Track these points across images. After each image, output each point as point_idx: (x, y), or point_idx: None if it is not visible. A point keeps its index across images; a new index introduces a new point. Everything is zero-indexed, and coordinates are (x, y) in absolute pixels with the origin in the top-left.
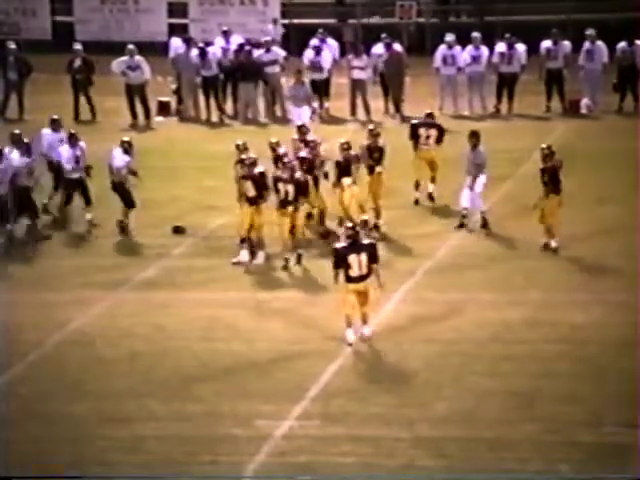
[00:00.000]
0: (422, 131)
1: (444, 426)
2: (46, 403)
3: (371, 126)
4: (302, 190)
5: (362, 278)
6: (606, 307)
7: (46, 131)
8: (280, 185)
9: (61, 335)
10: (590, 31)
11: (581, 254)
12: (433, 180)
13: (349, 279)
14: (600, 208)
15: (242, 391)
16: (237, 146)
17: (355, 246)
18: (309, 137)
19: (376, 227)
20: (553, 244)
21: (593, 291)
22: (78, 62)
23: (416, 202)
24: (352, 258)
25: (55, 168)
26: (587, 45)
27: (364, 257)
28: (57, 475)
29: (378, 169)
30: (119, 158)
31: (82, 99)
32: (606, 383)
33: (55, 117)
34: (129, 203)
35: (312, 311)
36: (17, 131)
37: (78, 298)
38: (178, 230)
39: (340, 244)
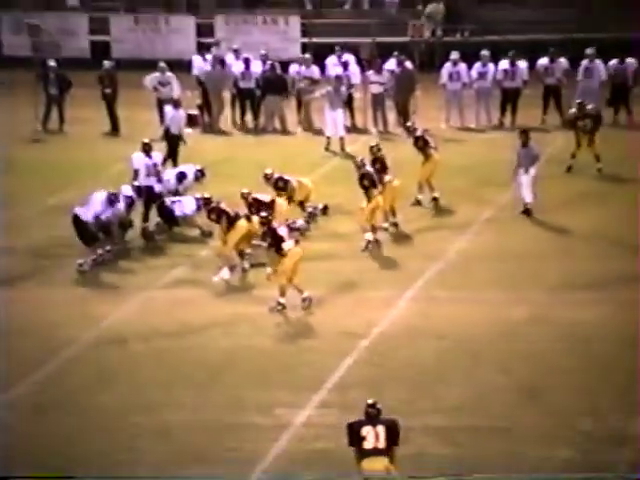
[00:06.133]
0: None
1: (454, 416)
2: (81, 393)
3: (373, 143)
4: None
5: (378, 452)
6: (609, 305)
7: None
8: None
9: (95, 331)
10: (590, 50)
11: (583, 255)
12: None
13: (362, 454)
14: (599, 213)
15: (264, 382)
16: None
17: (372, 419)
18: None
19: (395, 225)
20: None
21: (596, 290)
22: (106, 77)
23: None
24: (366, 430)
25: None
26: (586, 63)
27: (381, 429)
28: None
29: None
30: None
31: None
32: (606, 377)
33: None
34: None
35: (329, 309)
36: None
37: (112, 297)
38: (204, 234)
39: (355, 419)
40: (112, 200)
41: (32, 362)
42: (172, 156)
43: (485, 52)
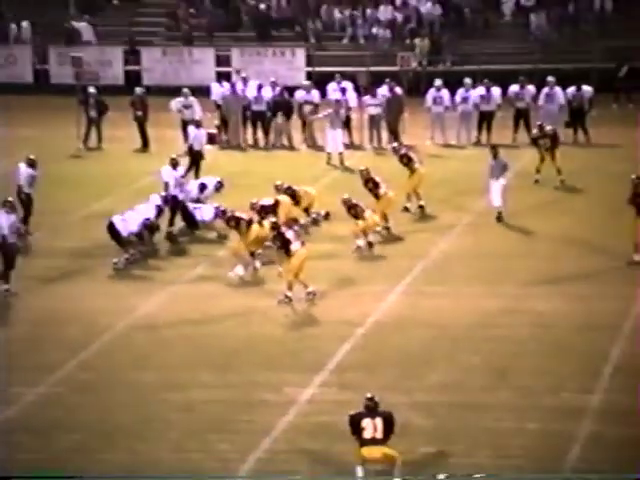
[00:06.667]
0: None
1: (436, 393)
2: (119, 372)
3: (362, 167)
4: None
5: (376, 441)
6: (568, 297)
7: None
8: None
9: (130, 319)
10: (550, 78)
11: (547, 255)
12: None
13: (362, 443)
14: (562, 218)
15: (273, 365)
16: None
17: (371, 412)
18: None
19: (387, 229)
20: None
21: (558, 284)
22: (138, 102)
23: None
24: (366, 422)
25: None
26: (547, 89)
27: (379, 421)
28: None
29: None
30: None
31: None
32: (566, 359)
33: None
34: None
35: (330, 302)
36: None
37: (143, 290)
38: (220, 237)
39: (355, 411)
40: (147, 225)
41: (77, 345)
42: (195, 169)
43: (468, 80)
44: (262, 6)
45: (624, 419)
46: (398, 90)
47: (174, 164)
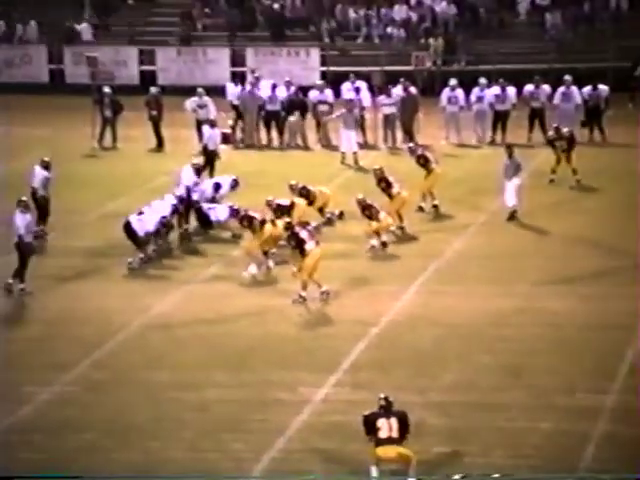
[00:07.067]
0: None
1: (449, 393)
2: (133, 371)
3: (376, 166)
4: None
5: (392, 440)
6: (581, 297)
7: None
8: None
9: (144, 319)
10: (567, 77)
11: (560, 254)
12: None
13: (377, 443)
14: (576, 219)
15: (288, 364)
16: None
17: (385, 411)
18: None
19: (401, 228)
20: None
21: (571, 284)
22: (152, 101)
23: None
24: (381, 422)
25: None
26: (563, 89)
27: (394, 421)
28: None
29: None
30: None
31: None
32: (579, 359)
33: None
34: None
35: (344, 301)
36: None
37: (158, 290)
38: (235, 236)
39: (370, 411)
40: (164, 224)
41: (91, 345)
42: (209, 169)
43: (483, 80)
44: (276, 6)
45: (638, 419)
46: (413, 90)
47: (197, 169)
